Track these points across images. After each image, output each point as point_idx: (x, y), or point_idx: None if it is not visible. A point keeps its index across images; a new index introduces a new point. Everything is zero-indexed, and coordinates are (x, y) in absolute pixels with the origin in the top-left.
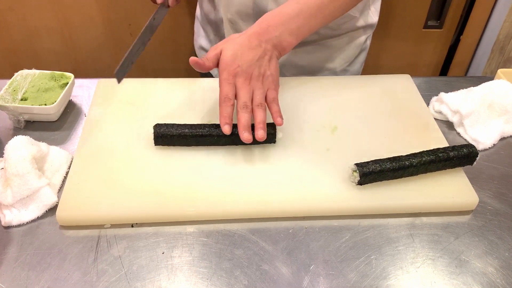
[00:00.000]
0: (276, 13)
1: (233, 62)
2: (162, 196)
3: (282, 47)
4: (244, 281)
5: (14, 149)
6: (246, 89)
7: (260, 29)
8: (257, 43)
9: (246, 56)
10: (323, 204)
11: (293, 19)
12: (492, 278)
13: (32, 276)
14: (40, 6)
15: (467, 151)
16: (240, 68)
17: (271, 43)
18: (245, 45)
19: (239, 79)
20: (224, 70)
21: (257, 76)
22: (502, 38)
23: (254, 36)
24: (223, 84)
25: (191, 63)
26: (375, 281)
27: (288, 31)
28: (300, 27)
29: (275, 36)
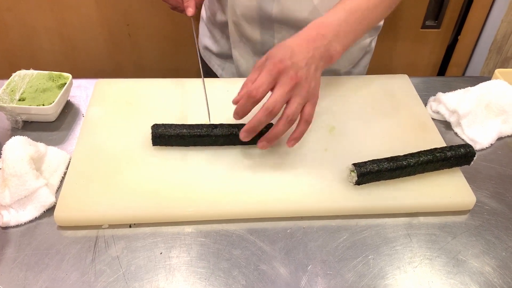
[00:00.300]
0: (323, 21)
1: (283, 56)
2: (160, 196)
3: (330, 56)
4: (242, 281)
5: (12, 150)
6: (287, 90)
7: (309, 37)
8: (306, 49)
9: (298, 56)
10: (321, 204)
11: (340, 27)
12: (489, 278)
13: (30, 277)
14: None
15: (464, 151)
16: (290, 64)
17: (319, 52)
18: (296, 47)
19: (284, 76)
20: (270, 60)
21: (304, 82)
22: (500, 38)
23: (304, 42)
24: (264, 73)
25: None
26: (372, 280)
27: (336, 40)
28: (347, 34)
29: (323, 45)
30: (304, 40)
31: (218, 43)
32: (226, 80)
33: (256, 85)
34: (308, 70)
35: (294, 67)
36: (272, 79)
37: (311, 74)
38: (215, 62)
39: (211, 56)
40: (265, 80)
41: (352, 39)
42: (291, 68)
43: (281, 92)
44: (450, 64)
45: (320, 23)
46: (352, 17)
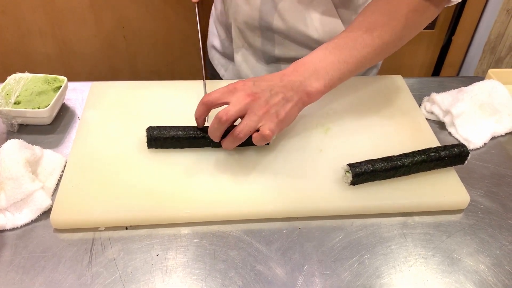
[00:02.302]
0: (304, 59)
1: (246, 81)
2: (156, 198)
3: (307, 92)
4: (239, 282)
5: (7, 153)
6: (241, 104)
7: (285, 71)
8: (278, 80)
9: (263, 83)
10: (316, 205)
11: (320, 63)
12: (484, 276)
13: (26, 280)
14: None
15: (458, 150)
16: (250, 85)
17: (291, 85)
18: (266, 77)
19: (241, 92)
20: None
21: (263, 103)
22: (493, 38)
23: (277, 75)
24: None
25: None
26: (368, 280)
27: (314, 76)
28: (328, 71)
29: (298, 80)
30: (279, 75)
31: (223, 43)
32: (223, 82)
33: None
34: (272, 96)
35: (253, 88)
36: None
37: (275, 101)
38: (219, 62)
39: (216, 54)
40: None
41: (335, 76)
42: (250, 88)
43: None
44: (445, 65)
45: (299, 62)
46: (334, 55)
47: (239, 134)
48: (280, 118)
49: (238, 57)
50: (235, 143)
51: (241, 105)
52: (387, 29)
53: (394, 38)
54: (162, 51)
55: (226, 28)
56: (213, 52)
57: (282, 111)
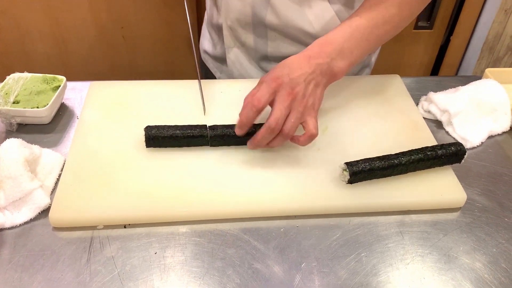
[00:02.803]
0: (327, 38)
1: (281, 73)
2: (154, 197)
3: (333, 74)
4: (237, 279)
5: (6, 152)
6: (285, 105)
7: (312, 53)
8: (307, 66)
9: (295, 72)
10: (313, 203)
11: (345, 43)
12: (480, 274)
13: (25, 278)
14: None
15: (455, 149)
16: (287, 80)
17: (320, 68)
18: (295, 64)
19: (281, 91)
20: (269, 76)
21: (301, 98)
22: (491, 38)
23: (305, 59)
24: (263, 86)
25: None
26: (365, 278)
27: (340, 57)
28: (353, 51)
29: (325, 62)
30: (306, 57)
31: (216, 46)
32: (220, 81)
33: (257, 97)
34: (307, 86)
35: (291, 83)
36: (272, 91)
37: (310, 90)
38: (213, 65)
39: (209, 58)
40: (265, 92)
41: (358, 55)
42: (288, 84)
43: (280, 107)
44: (443, 64)
45: (324, 41)
46: (358, 33)
47: (289, 132)
48: (316, 108)
49: (231, 57)
50: (282, 142)
51: (286, 108)
52: (404, 5)
53: (411, 13)
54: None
55: (218, 30)
56: (207, 56)
57: (316, 99)
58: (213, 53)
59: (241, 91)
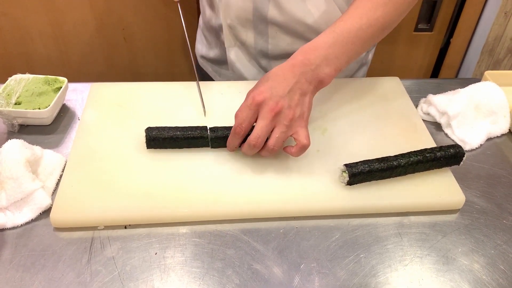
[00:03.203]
0: (311, 45)
1: (264, 87)
2: (155, 197)
3: (320, 80)
4: (236, 280)
5: (8, 153)
6: (267, 122)
7: (296, 61)
8: (291, 75)
9: (279, 85)
10: (313, 204)
11: (330, 49)
12: (478, 275)
13: (26, 278)
14: (33, 10)
15: (454, 151)
16: (269, 95)
17: (305, 77)
18: (279, 76)
19: (264, 108)
20: (251, 94)
21: (287, 111)
22: (491, 40)
23: (289, 68)
24: (242, 108)
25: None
26: (364, 279)
27: (325, 63)
28: (338, 56)
29: (310, 70)
30: (290, 66)
31: (214, 49)
32: (220, 83)
33: (239, 122)
34: (292, 97)
35: (274, 98)
36: (252, 113)
37: (296, 101)
38: (212, 69)
39: (207, 62)
40: (245, 115)
41: (345, 60)
42: (271, 99)
43: (261, 125)
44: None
45: (308, 48)
46: (343, 38)
47: (274, 147)
48: (305, 118)
49: (231, 56)
50: (271, 155)
51: (268, 125)
52: (389, 7)
53: (396, 15)
54: (161, 53)
55: (216, 32)
56: (204, 61)
57: (305, 108)
58: (210, 56)
59: (241, 92)
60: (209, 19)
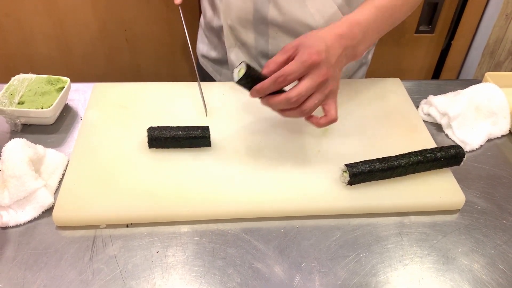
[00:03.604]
0: (355, 17)
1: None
2: (156, 196)
3: (354, 56)
4: (237, 279)
5: (11, 152)
6: (314, 85)
7: (342, 32)
8: (338, 46)
9: (332, 51)
10: (314, 204)
11: (369, 26)
12: (478, 275)
13: (29, 275)
14: (36, 11)
15: (454, 152)
16: (324, 58)
17: (346, 51)
18: (330, 41)
19: (316, 69)
20: (306, 50)
21: (331, 81)
22: (492, 42)
23: (336, 38)
24: (294, 62)
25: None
26: (364, 278)
27: (363, 40)
28: (373, 34)
29: (352, 45)
30: (337, 35)
31: (215, 49)
32: (221, 83)
33: (287, 72)
34: (335, 69)
35: (326, 63)
36: (303, 70)
37: (337, 74)
38: (213, 69)
39: (208, 62)
40: (296, 69)
41: (376, 38)
42: (324, 64)
43: (307, 85)
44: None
45: (353, 20)
46: (381, 15)
47: (309, 112)
48: (336, 92)
49: (232, 57)
50: (296, 116)
51: (313, 88)
52: None
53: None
54: (163, 53)
55: (217, 33)
56: (205, 60)
57: (339, 83)
58: (212, 56)
59: (242, 93)
60: (210, 20)
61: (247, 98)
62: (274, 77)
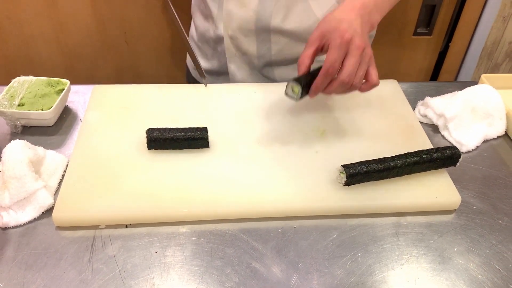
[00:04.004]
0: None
1: (345, 27)
2: (155, 197)
3: (371, 24)
4: (235, 278)
5: (11, 153)
6: (357, 59)
7: (355, 6)
8: (355, 15)
9: (354, 23)
10: (311, 204)
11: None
12: (474, 274)
13: (29, 275)
14: (37, 14)
15: (450, 152)
16: (354, 33)
17: (363, 19)
18: (347, 17)
19: (352, 46)
20: (335, 34)
21: (367, 48)
22: (490, 44)
23: (350, 10)
24: (332, 50)
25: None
26: (361, 277)
27: (375, 9)
28: (384, 4)
29: (366, 13)
30: (351, 10)
31: (210, 61)
32: (220, 85)
33: (332, 61)
34: (365, 36)
35: (357, 36)
36: (342, 52)
37: (367, 40)
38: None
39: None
40: (338, 55)
41: (387, 7)
42: (356, 37)
43: (352, 62)
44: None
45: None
46: None
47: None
48: (373, 58)
49: (232, 67)
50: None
51: (357, 61)
52: None
53: None
54: (163, 56)
55: (214, 44)
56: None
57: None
58: (207, 68)
59: (241, 95)
60: (204, 31)
61: (245, 99)
62: (324, 72)
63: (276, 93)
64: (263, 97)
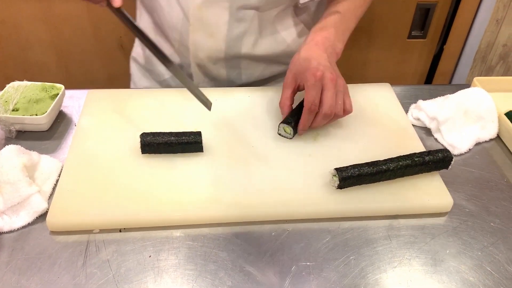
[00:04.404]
0: (322, 25)
1: (315, 65)
2: (149, 201)
3: (337, 54)
4: (228, 282)
5: (5, 158)
6: (332, 92)
7: (316, 40)
8: (321, 51)
9: (321, 60)
10: (304, 208)
11: (338, 27)
12: (466, 276)
13: (23, 280)
14: (32, 19)
15: (442, 155)
16: (323, 69)
17: (328, 51)
18: (315, 54)
19: (325, 81)
20: (308, 73)
21: (338, 79)
22: (484, 47)
23: (314, 47)
24: (309, 89)
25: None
26: (354, 280)
27: (337, 38)
28: (344, 32)
29: (330, 45)
30: (315, 46)
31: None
32: (215, 89)
33: (311, 99)
34: (334, 68)
35: (327, 70)
36: (318, 89)
37: (337, 71)
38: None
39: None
40: (315, 93)
41: (347, 35)
42: (326, 71)
43: (329, 95)
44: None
45: (319, 28)
46: (345, 17)
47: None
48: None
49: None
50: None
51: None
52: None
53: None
54: None
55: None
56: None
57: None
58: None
59: (235, 99)
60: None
61: (238, 104)
62: (307, 110)
63: (270, 97)
64: (257, 101)
